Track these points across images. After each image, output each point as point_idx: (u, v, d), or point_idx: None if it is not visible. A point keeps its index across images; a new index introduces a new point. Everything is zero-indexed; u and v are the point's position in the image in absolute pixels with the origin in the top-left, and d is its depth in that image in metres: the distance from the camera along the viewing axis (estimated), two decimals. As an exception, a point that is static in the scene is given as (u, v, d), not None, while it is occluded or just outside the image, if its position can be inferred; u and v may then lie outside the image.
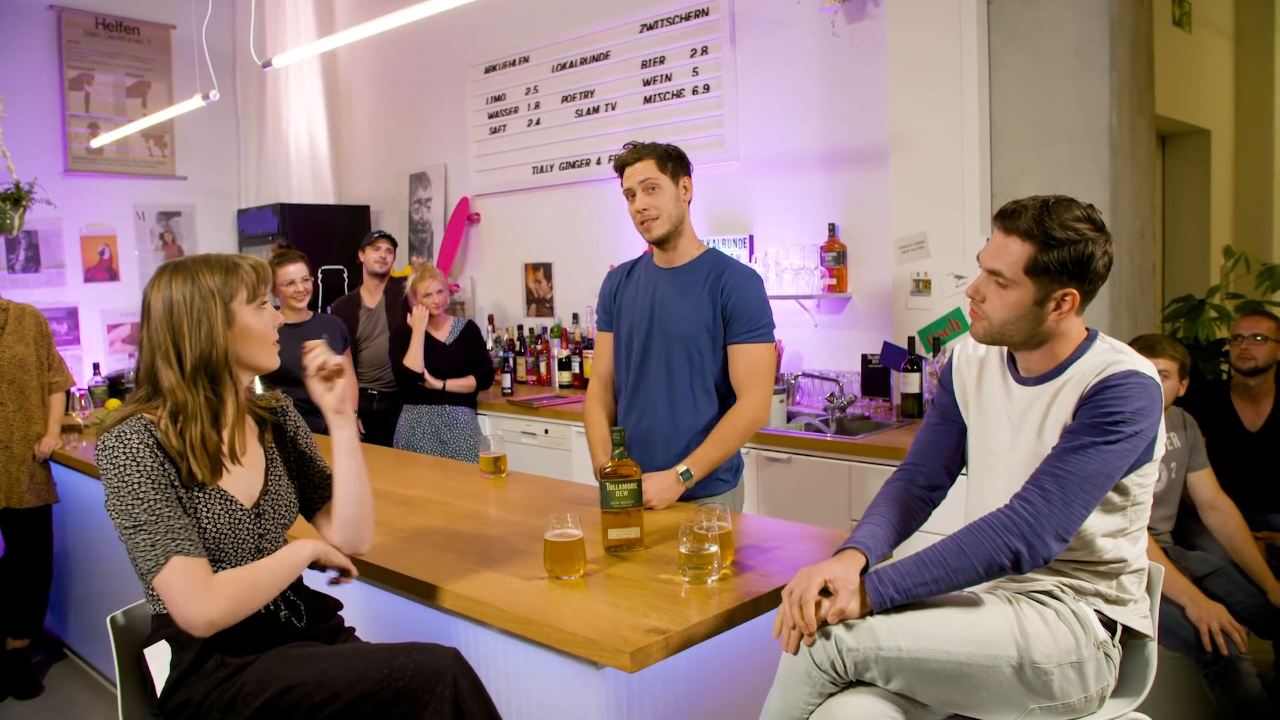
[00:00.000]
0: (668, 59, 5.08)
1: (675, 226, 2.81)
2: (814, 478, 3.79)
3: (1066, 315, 1.89)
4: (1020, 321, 1.91)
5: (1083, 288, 1.87)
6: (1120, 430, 1.78)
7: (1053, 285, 1.87)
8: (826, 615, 1.77)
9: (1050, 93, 3.81)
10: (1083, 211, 1.87)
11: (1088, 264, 1.85)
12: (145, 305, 1.91)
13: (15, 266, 6.10)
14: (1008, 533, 1.77)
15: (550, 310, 5.91)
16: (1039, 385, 1.96)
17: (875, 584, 1.79)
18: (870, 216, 4.34)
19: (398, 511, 2.76)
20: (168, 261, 1.95)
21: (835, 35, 4.40)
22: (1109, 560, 1.90)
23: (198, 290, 1.87)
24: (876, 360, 4.24)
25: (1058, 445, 1.85)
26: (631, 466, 2.31)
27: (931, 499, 2.12)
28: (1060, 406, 1.90)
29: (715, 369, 2.80)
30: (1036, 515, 1.77)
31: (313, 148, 7.03)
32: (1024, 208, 1.89)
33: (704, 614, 1.89)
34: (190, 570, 1.77)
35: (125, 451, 1.78)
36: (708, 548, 2.05)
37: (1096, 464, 1.78)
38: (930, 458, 2.14)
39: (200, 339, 1.86)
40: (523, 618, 1.91)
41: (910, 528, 2.05)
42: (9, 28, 6.03)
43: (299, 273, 4.58)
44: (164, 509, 1.78)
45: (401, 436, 4.79)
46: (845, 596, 1.78)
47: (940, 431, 2.16)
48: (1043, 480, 1.80)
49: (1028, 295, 1.88)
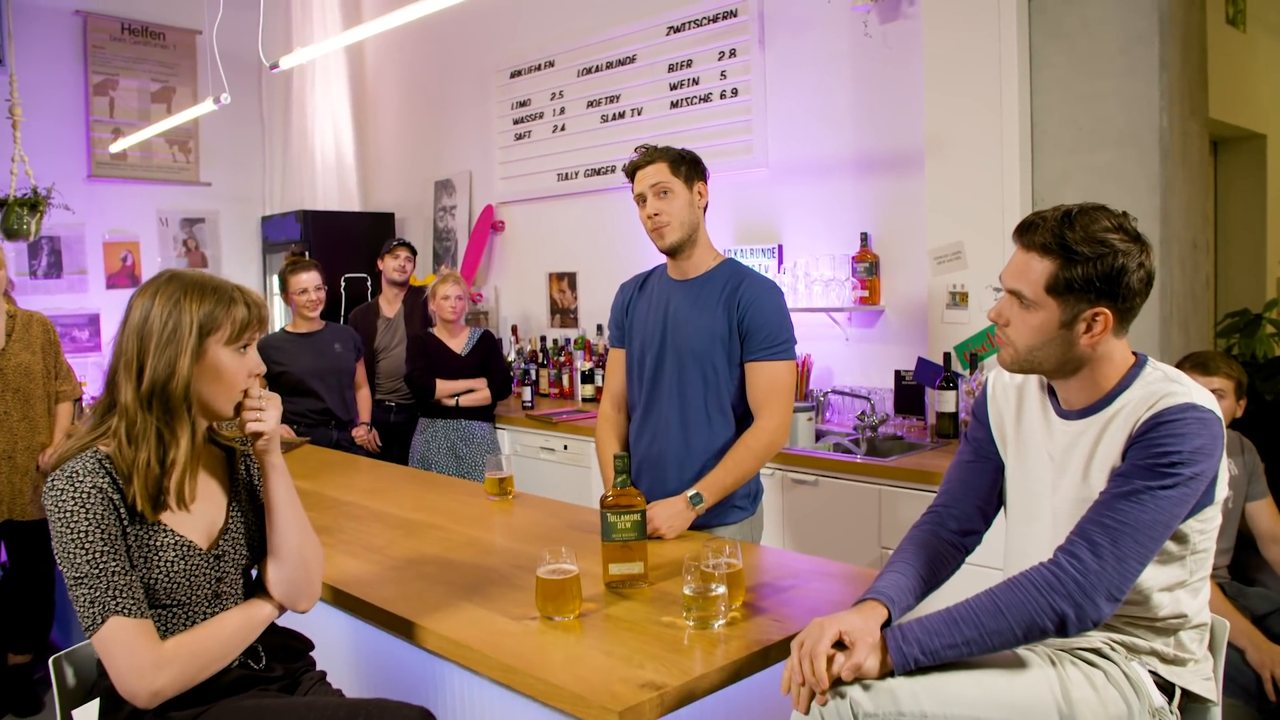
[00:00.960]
0: (695, 62, 4.91)
1: (688, 235, 2.63)
2: (842, 502, 3.59)
3: (1101, 338, 1.68)
4: (1048, 346, 1.71)
5: (1116, 306, 1.66)
6: (1178, 473, 1.57)
7: (1080, 305, 1.67)
8: (840, 672, 1.58)
9: (1095, 94, 3.58)
10: (1112, 220, 1.66)
11: (1118, 279, 1.64)
12: (128, 308, 1.76)
13: (37, 272, 6.05)
14: (1053, 592, 1.56)
15: (574, 321, 5.75)
16: (1083, 419, 1.75)
17: (898, 641, 1.59)
18: (904, 225, 4.14)
19: (393, 536, 2.60)
20: (170, 270, 1.80)
21: (868, 36, 4.20)
22: (1166, 616, 1.68)
23: (178, 313, 1.71)
24: (910, 377, 4.04)
25: (1107, 490, 1.63)
26: (635, 496, 2.13)
27: (964, 545, 1.92)
28: (1108, 444, 1.69)
29: (732, 388, 2.62)
30: (1085, 573, 1.56)
31: (338, 154, 6.93)
32: (1043, 219, 1.69)
33: (707, 665, 1.71)
34: (131, 634, 1.61)
35: (74, 495, 1.61)
36: (714, 589, 1.86)
37: (1152, 512, 1.57)
38: (962, 499, 1.93)
39: (163, 364, 1.69)
40: (506, 665, 1.74)
41: (939, 577, 1.85)
42: (34, 32, 5.99)
43: (311, 281, 4.46)
44: (108, 561, 1.61)
45: (417, 452, 4.65)
46: (863, 651, 1.59)
47: (974, 469, 1.95)
48: (1091, 532, 1.59)
49: (1053, 317, 1.69)
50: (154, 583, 1.68)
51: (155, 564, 1.68)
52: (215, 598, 1.77)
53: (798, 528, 3.73)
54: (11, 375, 3.82)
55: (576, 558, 1.99)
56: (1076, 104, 3.63)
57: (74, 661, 1.82)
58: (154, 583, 1.68)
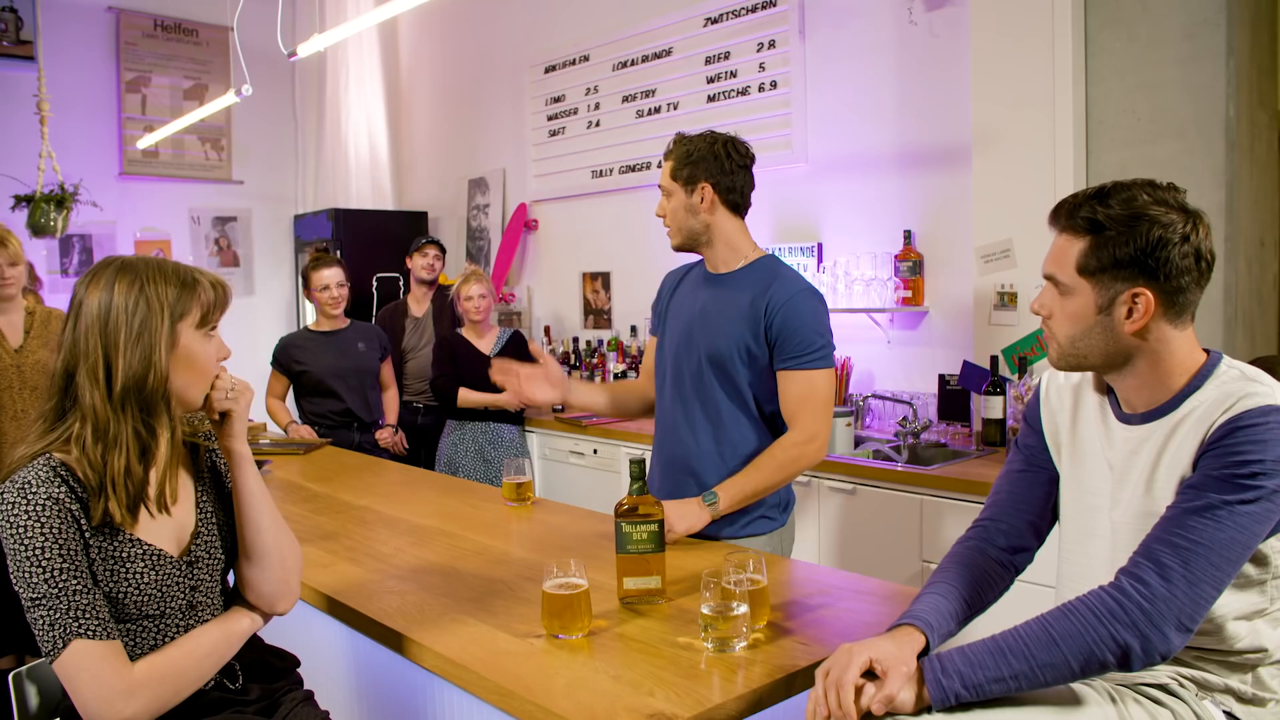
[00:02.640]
0: (733, 54, 4.74)
1: (688, 239, 2.48)
2: (882, 512, 3.40)
3: (1145, 323, 1.48)
4: (1089, 337, 1.53)
5: (1159, 285, 1.47)
6: (1259, 485, 1.37)
7: (1116, 285, 1.48)
8: (870, 705, 1.41)
9: (1156, 81, 3.37)
10: (1153, 192, 1.47)
11: (1157, 251, 1.45)
12: (76, 303, 1.57)
13: (69, 270, 6.02)
14: (1115, 621, 1.37)
15: (608, 322, 5.59)
16: (1147, 424, 1.55)
17: (936, 673, 1.41)
18: (950, 222, 3.94)
19: (400, 544, 2.46)
20: (112, 257, 1.62)
21: (913, 24, 4.01)
22: (1243, 650, 1.49)
23: (145, 300, 1.55)
24: (955, 381, 3.84)
25: (1176, 504, 1.44)
26: (653, 504, 1.97)
27: (1013, 564, 1.72)
28: (1177, 452, 1.49)
29: (758, 392, 2.43)
30: (1152, 599, 1.36)
31: (372, 152, 6.84)
32: (1076, 196, 1.52)
33: (725, 693, 1.54)
34: (97, 658, 1.46)
35: (28, 509, 1.45)
36: (734, 608, 1.69)
37: (1229, 530, 1.37)
38: (1012, 512, 1.74)
39: (137, 359, 1.53)
40: (503, 688, 1.58)
41: (985, 599, 1.66)
42: (66, 29, 5.96)
43: (334, 278, 4.35)
44: (69, 580, 1.46)
45: (444, 455, 4.52)
46: (896, 682, 1.41)
47: (1024, 480, 1.75)
48: (1159, 552, 1.39)
49: (1089, 301, 1.51)
50: (123, 596, 1.53)
51: (123, 577, 1.54)
52: (190, 608, 1.63)
53: (833, 539, 3.55)
54: (30, 373, 3.73)
55: (592, 570, 1.84)
56: (1135, 93, 3.41)
57: (35, 678, 1.68)
58: (123, 596, 1.53)
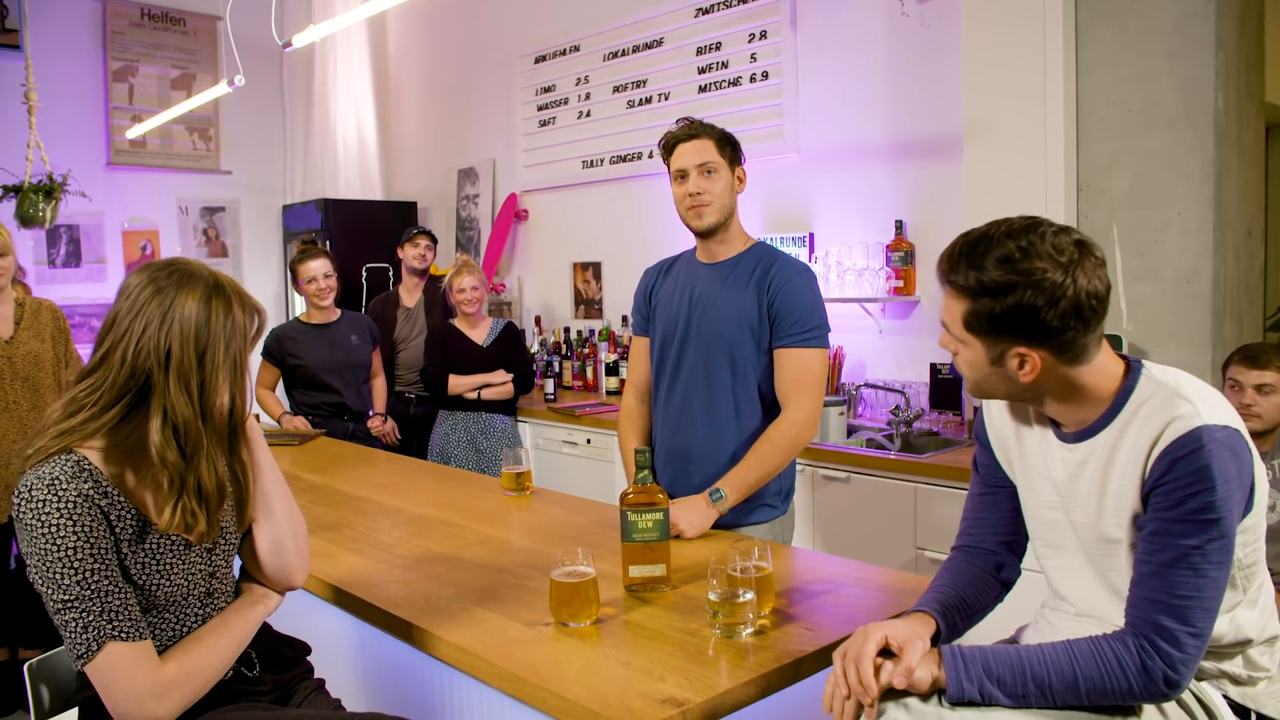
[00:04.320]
0: (724, 45, 4.75)
1: (725, 218, 2.48)
2: (876, 500, 3.43)
3: (1036, 375, 1.47)
4: (989, 381, 1.53)
5: (1040, 344, 1.44)
6: (1218, 518, 1.38)
7: (1000, 343, 1.47)
8: (892, 679, 1.43)
9: (1146, 73, 3.40)
10: (1027, 245, 1.41)
11: (1029, 317, 1.41)
12: (168, 303, 1.48)
13: (56, 261, 5.99)
14: (1138, 681, 1.41)
15: (599, 312, 5.61)
16: (1081, 443, 1.55)
17: (960, 672, 1.43)
18: (941, 212, 3.96)
19: (403, 534, 2.48)
20: (204, 267, 1.56)
21: (904, 15, 4.03)
22: (1228, 644, 1.52)
23: (239, 337, 1.53)
24: (947, 370, 3.87)
25: (1149, 555, 1.43)
26: (657, 493, 1.99)
27: (1001, 580, 1.74)
28: (1120, 479, 1.49)
29: (761, 377, 2.46)
30: (1173, 664, 1.40)
31: (360, 142, 6.81)
32: (953, 252, 1.48)
33: (734, 679, 1.56)
34: (131, 660, 1.45)
35: (60, 507, 1.41)
36: (741, 595, 1.72)
37: (1210, 572, 1.39)
38: (983, 537, 1.76)
39: (235, 392, 1.53)
40: (516, 675, 1.60)
41: (984, 602, 1.69)
42: (52, 17, 5.91)
43: (320, 269, 4.35)
44: (102, 580, 1.44)
45: (436, 445, 4.53)
46: (913, 655, 1.44)
47: (987, 503, 1.76)
48: (1158, 617, 1.41)
49: (980, 354, 1.50)
50: (155, 588, 1.54)
51: (154, 570, 1.54)
52: (208, 595, 1.64)
53: (829, 527, 3.58)
54: (21, 364, 3.73)
55: (595, 559, 1.86)
56: (1125, 84, 3.44)
57: (50, 668, 1.69)
58: (155, 588, 1.54)
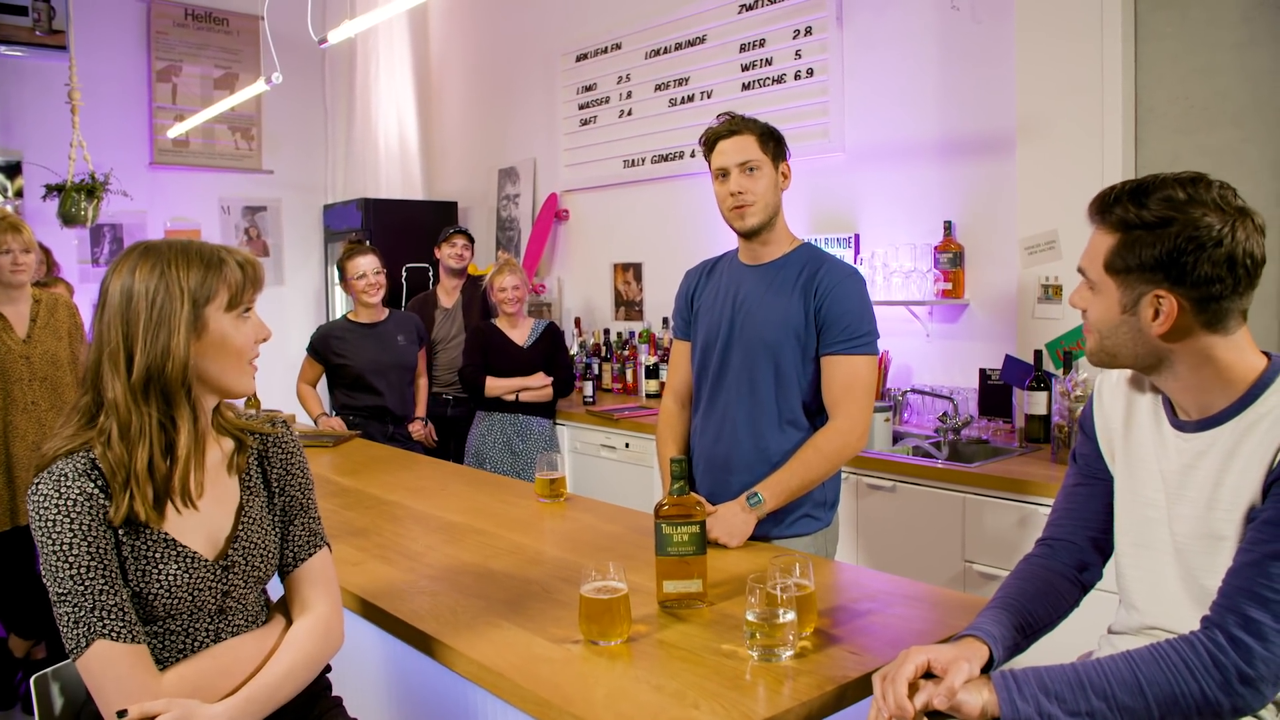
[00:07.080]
0: (768, 41, 4.65)
1: (770, 217, 2.39)
2: (922, 510, 3.31)
3: (1169, 327, 1.39)
4: (1117, 334, 1.45)
5: (1185, 291, 1.37)
6: None
7: (1141, 285, 1.40)
8: (934, 700, 1.33)
9: (1210, 67, 3.25)
10: (1191, 191, 1.36)
11: (1183, 256, 1.35)
12: (103, 291, 1.52)
13: (99, 259, 6.02)
14: (1209, 678, 1.29)
15: (640, 314, 5.52)
16: (1202, 433, 1.45)
17: (1013, 693, 1.33)
18: (992, 213, 3.84)
19: (432, 541, 2.41)
20: (141, 242, 1.56)
21: (955, 9, 3.90)
22: None
23: (165, 284, 1.48)
24: (997, 376, 3.74)
25: (1254, 543, 1.33)
26: (694, 504, 1.90)
27: (1080, 581, 1.64)
28: (1242, 473, 1.39)
29: (806, 384, 2.36)
30: (1251, 660, 1.28)
31: (402, 141, 6.79)
32: (1113, 189, 1.43)
33: (772, 707, 1.47)
34: (124, 662, 1.41)
35: (59, 503, 1.42)
36: (781, 615, 1.62)
37: None
38: (1073, 529, 1.65)
39: (156, 346, 1.47)
40: (540, 698, 1.52)
41: (1052, 616, 1.58)
42: (97, 18, 5.95)
43: (369, 265, 4.30)
44: (95, 577, 1.41)
45: (472, 446, 4.47)
46: (958, 677, 1.35)
47: (1082, 495, 1.66)
48: (1247, 607, 1.30)
49: (1114, 300, 1.43)
50: (152, 596, 1.48)
51: (154, 577, 1.48)
52: (220, 613, 1.57)
53: (873, 538, 3.46)
54: (39, 364, 3.69)
55: (630, 570, 1.77)
56: (1189, 79, 3.30)
57: (59, 679, 1.64)
58: (152, 596, 1.48)
